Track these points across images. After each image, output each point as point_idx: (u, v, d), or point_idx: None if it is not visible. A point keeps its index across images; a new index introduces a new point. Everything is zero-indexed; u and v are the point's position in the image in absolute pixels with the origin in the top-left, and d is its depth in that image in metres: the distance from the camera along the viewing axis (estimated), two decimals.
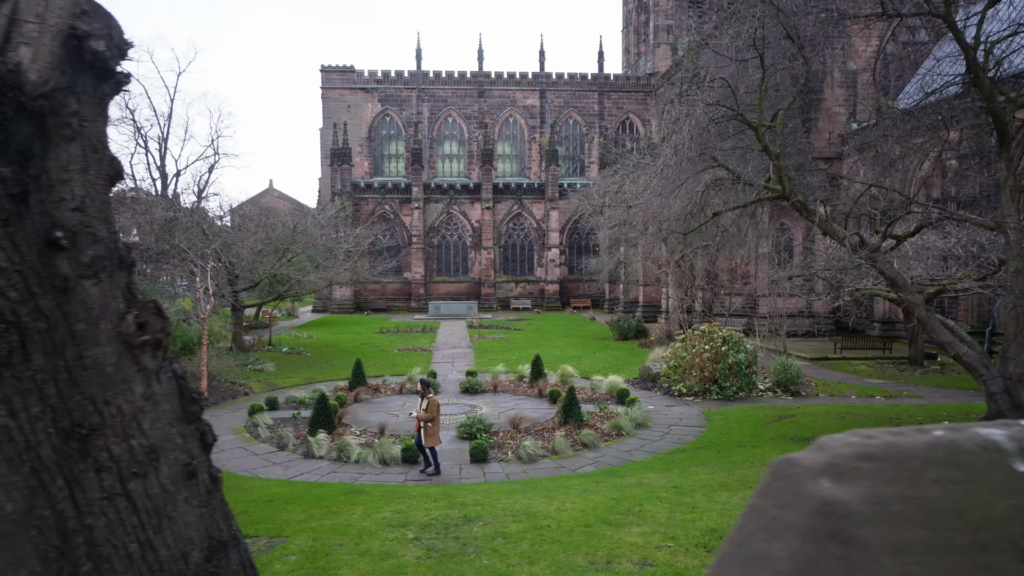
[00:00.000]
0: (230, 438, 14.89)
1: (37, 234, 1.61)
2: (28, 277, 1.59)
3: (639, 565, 6.74)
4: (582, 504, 8.93)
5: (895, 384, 20.30)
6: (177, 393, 1.90)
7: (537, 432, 15.18)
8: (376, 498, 9.67)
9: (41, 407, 1.61)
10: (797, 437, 12.84)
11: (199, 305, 18.53)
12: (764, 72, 12.10)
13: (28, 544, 1.61)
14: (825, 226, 11.35)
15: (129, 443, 1.74)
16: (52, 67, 1.64)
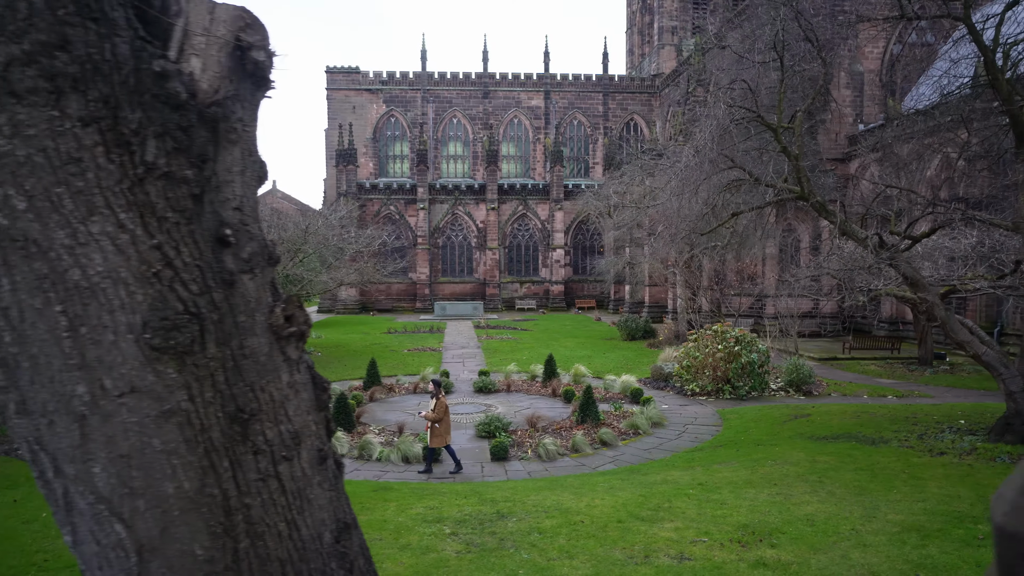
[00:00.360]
0: None
1: (209, 231, 1.75)
2: (205, 272, 1.73)
3: (676, 559, 6.85)
4: (611, 500, 9.04)
5: (906, 384, 20.40)
6: (311, 383, 2.03)
7: (555, 431, 15.29)
8: (405, 495, 9.78)
9: (213, 393, 1.75)
10: (815, 436, 12.95)
11: None
12: (784, 74, 12.22)
13: (200, 520, 1.75)
14: (845, 227, 11.48)
15: (279, 428, 1.88)
16: (221, 76, 1.77)
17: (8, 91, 1.57)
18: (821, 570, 6.41)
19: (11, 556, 6.88)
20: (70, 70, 1.58)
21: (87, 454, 1.67)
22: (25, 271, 1.61)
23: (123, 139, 1.65)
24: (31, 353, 1.64)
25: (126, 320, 1.64)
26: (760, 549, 7.02)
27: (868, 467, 10.20)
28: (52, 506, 1.71)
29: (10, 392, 1.68)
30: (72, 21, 1.58)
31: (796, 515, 8.07)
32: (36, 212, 1.59)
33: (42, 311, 1.63)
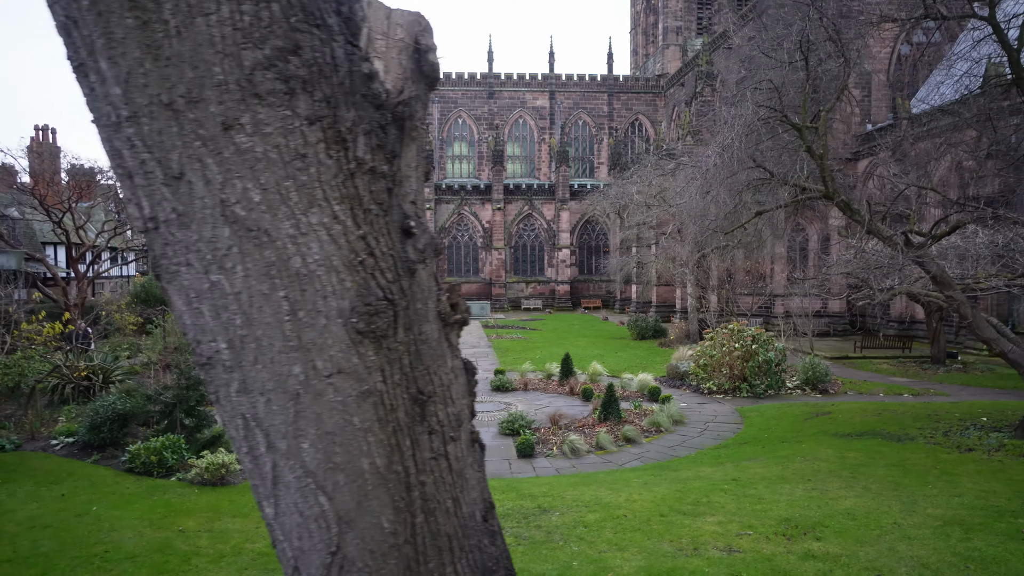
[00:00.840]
0: None
1: (397, 223, 1.88)
2: (396, 261, 1.86)
3: (725, 551, 6.96)
4: (649, 495, 9.15)
5: (920, 383, 20.52)
6: (464, 368, 2.16)
7: (577, 428, 15.39)
8: None
9: (400, 375, 1.88)
10: (840, 433, 13.06)
11: None
12: (808, 74, 12.34)
13: (387, 495, 1.88)
14: (871, 226, 11.59)
15: (447, 410, 2.01)
16: (404, 78, 1.90)
17: (252, 93, 1.70)
18: (871, 562, 6.52)
19: (72, 548, 6.98)
20: (300, 73, 1.71)
21: (298, 430, 1.79)
22: (256, 259, 1.74)
23: (340, 136, 1.78)
24: (256, 335, 1.77)
25: (336, 305, 1.77)
26: (806, 542, 7.13)
27: (899, 463, 10.31)
28: (256, 480, 1.81)
29: (234, 372, 1.80)
30: (302, 28, 1.72)
31: (835, 509, 8.18)
32: (268, 204, 1.72)
33: (268, 296, 1.76)
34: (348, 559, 1.82)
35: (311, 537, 1.79)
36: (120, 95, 1.71)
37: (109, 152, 1.79)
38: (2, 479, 9.41)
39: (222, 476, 9.77)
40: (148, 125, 1.72)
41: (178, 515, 8.18)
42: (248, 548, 7.14)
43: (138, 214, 1.81)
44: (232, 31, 1.71)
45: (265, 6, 1.70)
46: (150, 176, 1.74)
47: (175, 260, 1.77)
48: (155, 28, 1.70)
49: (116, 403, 11.19)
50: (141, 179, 1.75)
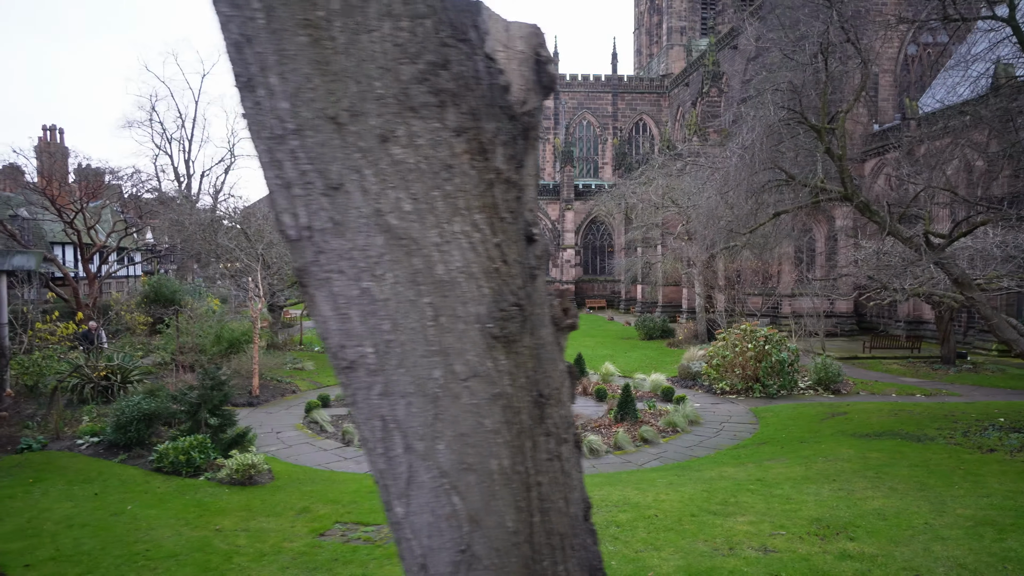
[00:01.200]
0: (293, 434, 15.16)
1: (521, 231, 1.95)
2: (523, 267, 1.94)
3: (760, 551, 7.02)
4: (676, 495, 9.21)
5: (931, 383, 20.57)
6: (568, 372, 2.23)
7: (594, 428, 15.45)
8: None
9: (524, 379, 1.95)
10: (858, 433, 13.12)
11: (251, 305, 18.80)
12: (828, 75, 12.40)
13: (510, 495, 1.95)
14: (892, 227, 11.65)
15: (560, 412, 2.08)
16: (527, 89, 1.97)
17: (408, 106, 1.79)
18: (907, 562, 6.58)
19: (113, 546, 7.04)
20: (450, 86, 1.79)
21: (435, 432, 1.86)
22: (405, 266, 1.82)
23: (482, 147, 1.86)
24: (401, 340, 1.84)
25: (474, 311, 1.85)
26: (839, 542, 7.19)
27: (922, 464, 10.37)
28: (388, 480, 1.87)
29: (378, 375, 1.86)
30: (450, 42, 1.80)
31: (865, 509, 8.24)
32: (418, 214, 1.80)
33: (414, 302, 1.83)
34: (476, 557, 1.89)
35: (441, 536, 1.86)
36: (288, 109, 1.79)
37: (268, 163, 1.86)
38: (34, 478, 9.46)
39: (251, 476, 9.83)
40: (312, 138, 1.79)
41: (213, 514, 8.23)
42: (287, 547, 7.20)
43: (292, 223, 1.88)
44: (392, 47, 1.79)
45: (420, 22, 1.79)
46: (310, 187, 1.81)
47: (327, 267, 1.84)
48: (325, 45, 1.77)
49: (141, 403, 11.25)
50: (300, 189, 1.82)
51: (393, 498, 1.92)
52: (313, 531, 7.74)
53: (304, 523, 7.98)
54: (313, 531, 7.74)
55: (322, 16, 1.77)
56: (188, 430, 11.16)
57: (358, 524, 8.03)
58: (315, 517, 8.22)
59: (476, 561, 1.90)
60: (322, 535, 7.66)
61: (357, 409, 1.93)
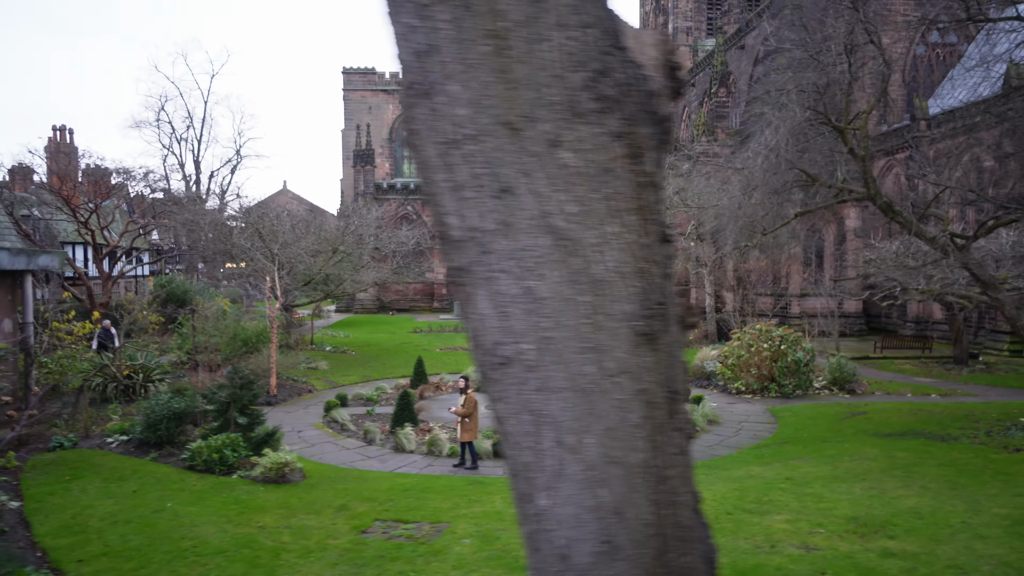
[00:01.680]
0: (314, 433, 15.23)
1: (659, 231, 2.03)
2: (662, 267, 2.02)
3: (802, 549, 7.08)
4: (709, 494, 9.26)
5: (945, 383, 20.62)
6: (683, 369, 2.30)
7: None
8: (499, 488, 10.00)
9: (661, 376, 2.03)
10: (880, 433, 13.17)
11: (268, 305, 18.87)
12: (851, 76, 12.45)
13: (647, 488, 2.02)
14: (917, 228, 11.71)
15: (684, 408, 2.14)
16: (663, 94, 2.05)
17: (575, 112, 1.88)
18: (951, 560, 6.64)
19: (159, 543, 7.11)
20: (611, 92, 1.88)
21: (585, 427, 1.93)
22: (567, 266, 1.89)
23: (636, 151, 1.95)
24: (559, 337, 1.91)
25: (623, 309, 1.93)
26: (879, 540, 7.25)
27: (950, 463, 10.42)
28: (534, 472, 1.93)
29: (535, 371, 1.93)
30: (610, 51, 1.89)
31: (900, 508, 8.29)
32: (581, 216, 1.88)
33: (572, 301, 1.91)
34: (617, 548, 1.95)
35: (585, 527, 1.92)
36: (467, 115, 1.87)
37: (438, 167, 1.93)
38: (70, 475, 9.53)
39: (284, 474, 9.89)
40: (488, 143, 1.87)
41: (253, 512, 8.30)
42: (331, 544, 7.26)
43: (459, 224, 1.95)
44: (562, 55, 1.87)
45: (586, 31, 1.88)
46: (481, 190, 1.89)
47: (492, 267, 1.91)
48: (505, 54, 1.85)
49: (171, 402, 11.32)
50: (472, 192, 1.90)
51: (537, 490, 1.98)
52: (354, 528, 7.80)
53: (344, 520, 8.05)
54: (354, 528, 7.80)
55: (505, 27, 1.85)
56: (217, 429, 11.22)
57: (398, 522, 8.09)
58: (354, 515, 8.28)
59: (617, 552, 1.96)
60: (364, 532, 7.72)
61: (505, 404, 2.00)
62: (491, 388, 1.98)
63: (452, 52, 1.86)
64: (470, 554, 6.97)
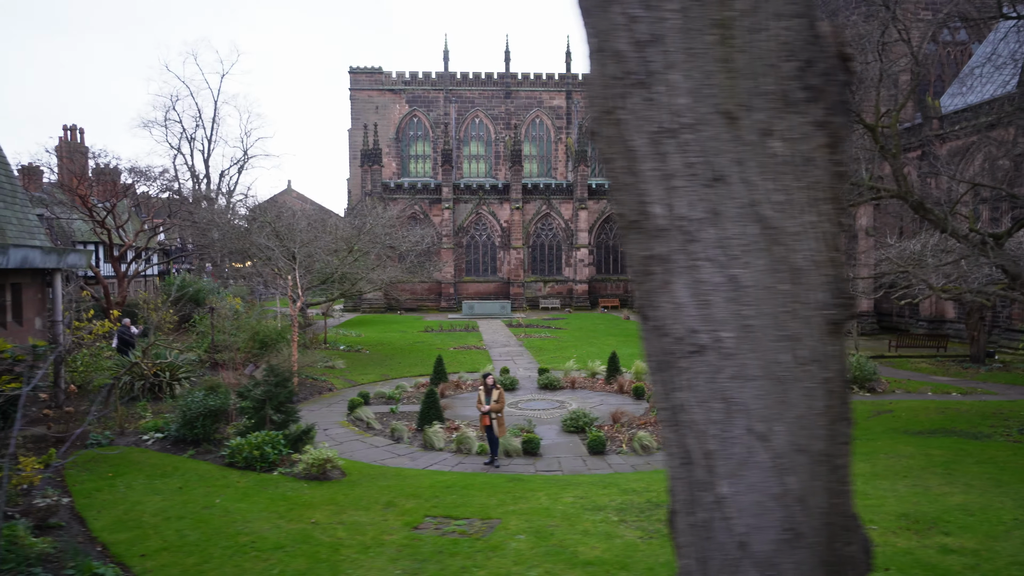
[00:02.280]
0: (341, 431, 15.23)
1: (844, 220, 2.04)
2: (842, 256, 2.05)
3: None
4: None
5: (964, 381, 20.61)
6: None
7: (640, 426, 15.52)
8: (540, 485, 10.01)
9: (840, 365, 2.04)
10: (910, 431, 13.17)
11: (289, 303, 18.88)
12: (881, 74, 12.47)
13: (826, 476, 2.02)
14: (950, 226, 11.71)
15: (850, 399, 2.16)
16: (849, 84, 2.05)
17: (786, 101, 1.90)
18: (1012, 557, 6.64)
19: (217, 538, 7.11)
20: (816, 81, 1.90)
21: (776, 415, 1.94)
22: (770, 255, 1.91)
23: (834, 141, 1.97)
24: (758, 325, 1.92)
25: (817, 298, 1.94)
26: (934, 536, 7.25)
27: (988, 460, 10.43)
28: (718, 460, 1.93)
29: (731, 359, 1.94)
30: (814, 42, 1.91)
31: (947, 505, 8.30)
32: (784, 205, 1.90)
33: (773, 289, 1.92)
34: (799, 536, 1.95)
35: (768, 515, 1.92)
36: (686, 104, 1.88)
37: (648, 155, 1.94)
38: (113, 472, 9.53)
39: (325, 471, 9.89)
40: (705, 132, 1.88)
41: (302, 508, 8.30)
42: (387, 540, 7.27)
43: (664, 213, 1.96)
44: (777, 45, 1.89)
45: (798, 21, 1.89)
46: (693, 178, 1.90)
47: (696, 255, 1.92)
48: (728, 43, 1.86)
49: (207, 399, 11.32)
50: (683, 181, 1.91)
51: (719, 478, 1.99)
52: (406, 524, 7.81)
53: (395, 517, 8.05)
54: (406, 524, 7.81)
55: (731, 16, 1.87)
56: (253, 426, 11.23)
57: (448, 518, 8.10)
58: (403, 511, 8.29)
59: (798, 539, 1.97)
60: (416, 528, 7.73)
61: (692, 392, 2.00)
62: (675, 377, 1.98)
63: (677, 41, 1.86)
64: (527, 550, 6.97)
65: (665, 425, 2.09)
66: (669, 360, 1.99)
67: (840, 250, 1.98)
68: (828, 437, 1.98)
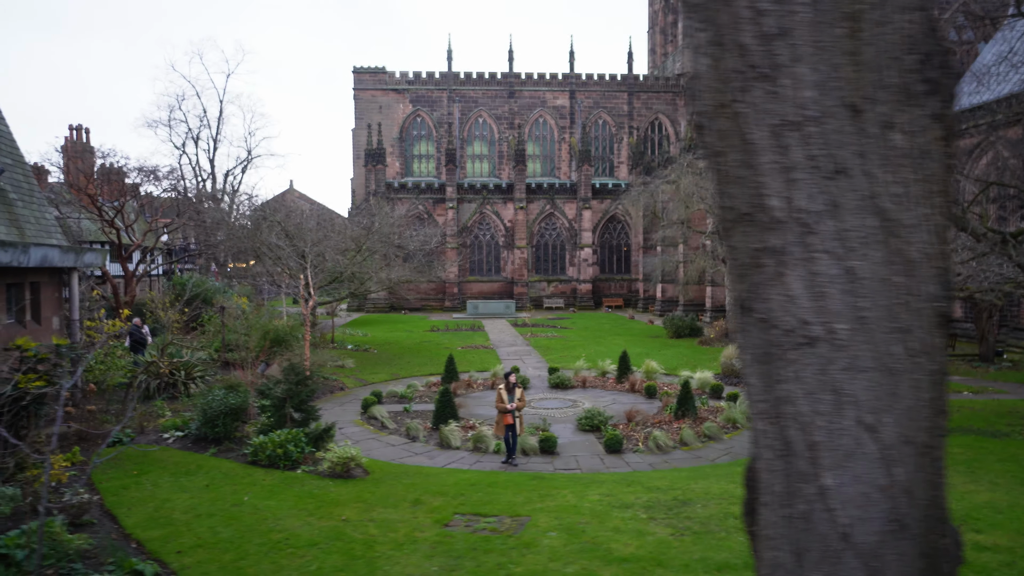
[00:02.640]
0: (356, 430, 15.24)
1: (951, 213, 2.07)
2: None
3: None
4: None
5: (975, 380, 20.62)
6: None
7: (654, 425, 15.53)
8: (564, 483, 10.02)
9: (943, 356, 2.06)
10: None
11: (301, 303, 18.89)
12: None
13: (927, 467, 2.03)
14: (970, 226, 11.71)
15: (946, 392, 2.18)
16: None
17: (906, 93, 1.92)
18: None
19: (250, 535, 7.12)
20: (933, 75, 1.92)
21: (886, 406, 1.95)
22: (887, 247, 1.93)
23: (948, 134, 1.99)
24: (873, 317, 1.94)
25: (928, 290, 1.97)
26: (966, 534, 7.26)
27: (1010, 458, 10.45)
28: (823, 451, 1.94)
29: (845, 350, 1.95)
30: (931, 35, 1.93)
31: (975, 503, 8.31)
32: (902, 197, 1.92)
33: (888, 281, 1.94)
34: (904, 527, 1.96)
35: (873, 506, 1.93)
36: (811, 97, 1.89)
37: (768, 148, 1.96)
38: (137, 470, 9.54)
39: (348, 469, 9.90)
40: (829, 124, 1.89)
41: (331, 506, 8.31)
42: (419, 537, 7.28)
43: (782, 205, 1.97)
44: (901, 38, 1.91)
45: (920, 15, 1.91)
46: (815, 171, 1.91)
47: (813, 248, 1.93)
48: (857, 36, 1.88)
49: (228, 397, 11.33)
50: (804, 174, 1.92)
51: (823, 470, 2.00)
52: (436, 522, 7.82)
53: (424, 514, 8.06)
54: (436, 522, 7.82)
55: (860, 9, 1.88)
56: (273, 424, 11.24)
57: (477, 515, 8.11)
58: (432, 509, 8.30)
59: (903, 531, 1.98)
60: (446, 525, 7.74)
61: (800, 384, 2.01)
62: (781, 369, 1.99)
63: (805, 34, 1.88)
64: (561, 547, 6.99)
65: (761, 417, 2.09)
66: (775, 352, 1.99)
67: (948, 243, 2.00)
68: (931, 429, 2.00)
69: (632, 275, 54.68)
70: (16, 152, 13.46)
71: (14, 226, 11.86)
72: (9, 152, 12.95)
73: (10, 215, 11.90)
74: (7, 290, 11.64)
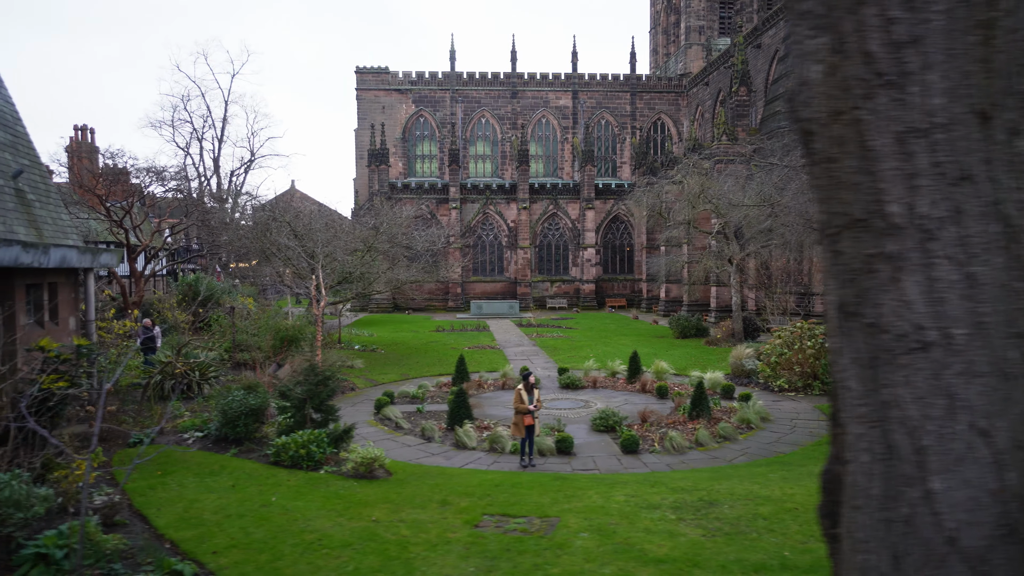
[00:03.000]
0: (370, 431, 15.24)
1: None
2: None
3: None
4: (800, 489, 9.29)
5: None
6: None
7: (669, 425, 15.53)
8: (587, 484, 10.02)
9: None
10: None
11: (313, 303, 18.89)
12: None
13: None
14: None
15: None
16: None
17: None
18: None
19: (283, 536, 7.12)
20: None
21: (1000, 411, 1.96)
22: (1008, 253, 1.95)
23: None
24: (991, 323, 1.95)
25: None
26: None
27: None
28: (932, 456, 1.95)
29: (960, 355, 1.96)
30: None
31: None
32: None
33: (1007, 287, 1.95)
34: (1013, 532, 1.97)
35: (983, 511, 1.93)
36: (940, 104, 1.90)
37: (892, 154, 1.97)
38: (161, 471, 9.54)
39: (372, 470, 9.90)
40: (957, 131, 1.90)
41: (359, 506, 8.31)
42: (452, 538, 7.29)
43: (903, 212, 1.98)
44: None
45: None
46: (940, 177, 1.92)
47: (933, 253, 1.95)
48: (990, 44, 1.88)
49: (248, 398, 11.33)
50: (928, 180, 1.93)
51: (931, 474, 2.00)
52: (466, 522, 7.82)
53: (453, 515, 8.07)
54: (466, 522, 7.82)
55: (995, 16, 1.89)
56: (293, 425, 11.24)
57: (506, 516, 8.12)
58: (460, 509, 8.30)
59: (1012, 535, 1.99)
60: (476, 526, 7.74)
61: (910, 388, 2.02)
62: (889, 374, 1.99)
63: (938, 42, 1.89)
64: (594, 548, 6.99)
65: (859, 421, 2.10)
66: (884, 357, 1.99)
67: None
68: None
69: (635, 275, 54.71)
70: (33, 153, 13.46)
71: (33, 227, 11.85)
72: (27, 153, 12.95)
73: (29, 216, 11.89)
74: (26, 291, 11.64)
